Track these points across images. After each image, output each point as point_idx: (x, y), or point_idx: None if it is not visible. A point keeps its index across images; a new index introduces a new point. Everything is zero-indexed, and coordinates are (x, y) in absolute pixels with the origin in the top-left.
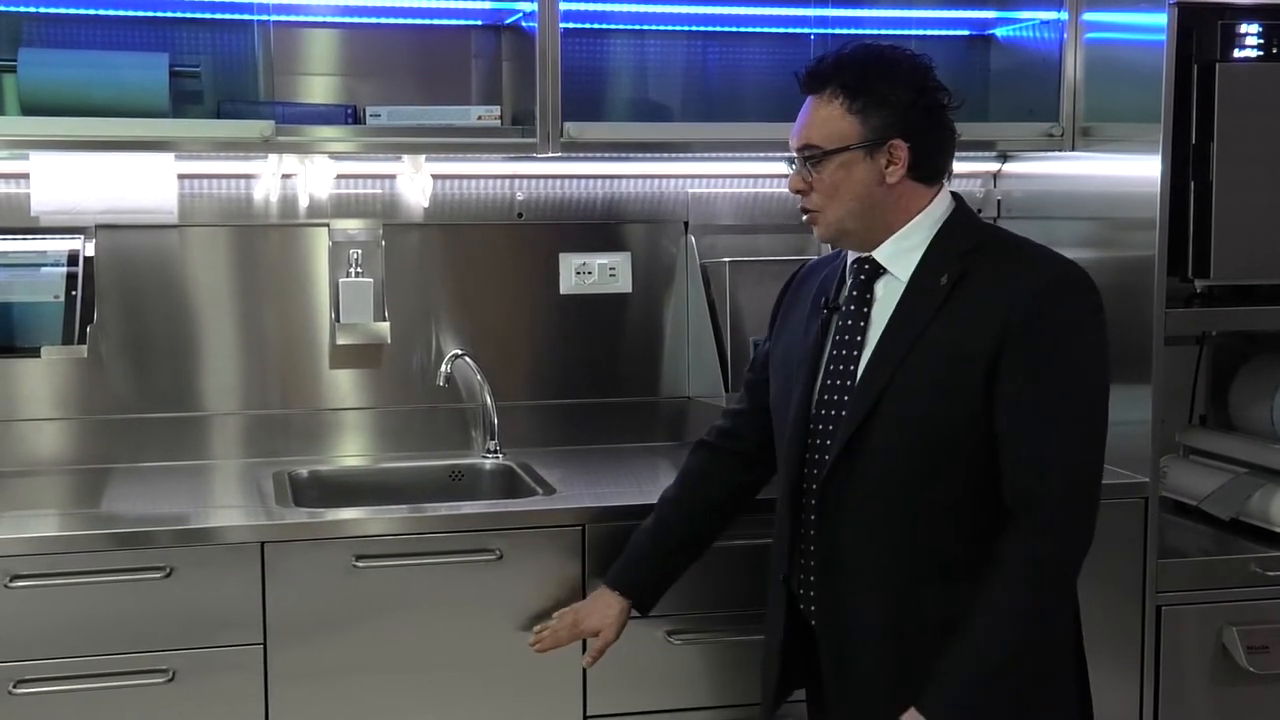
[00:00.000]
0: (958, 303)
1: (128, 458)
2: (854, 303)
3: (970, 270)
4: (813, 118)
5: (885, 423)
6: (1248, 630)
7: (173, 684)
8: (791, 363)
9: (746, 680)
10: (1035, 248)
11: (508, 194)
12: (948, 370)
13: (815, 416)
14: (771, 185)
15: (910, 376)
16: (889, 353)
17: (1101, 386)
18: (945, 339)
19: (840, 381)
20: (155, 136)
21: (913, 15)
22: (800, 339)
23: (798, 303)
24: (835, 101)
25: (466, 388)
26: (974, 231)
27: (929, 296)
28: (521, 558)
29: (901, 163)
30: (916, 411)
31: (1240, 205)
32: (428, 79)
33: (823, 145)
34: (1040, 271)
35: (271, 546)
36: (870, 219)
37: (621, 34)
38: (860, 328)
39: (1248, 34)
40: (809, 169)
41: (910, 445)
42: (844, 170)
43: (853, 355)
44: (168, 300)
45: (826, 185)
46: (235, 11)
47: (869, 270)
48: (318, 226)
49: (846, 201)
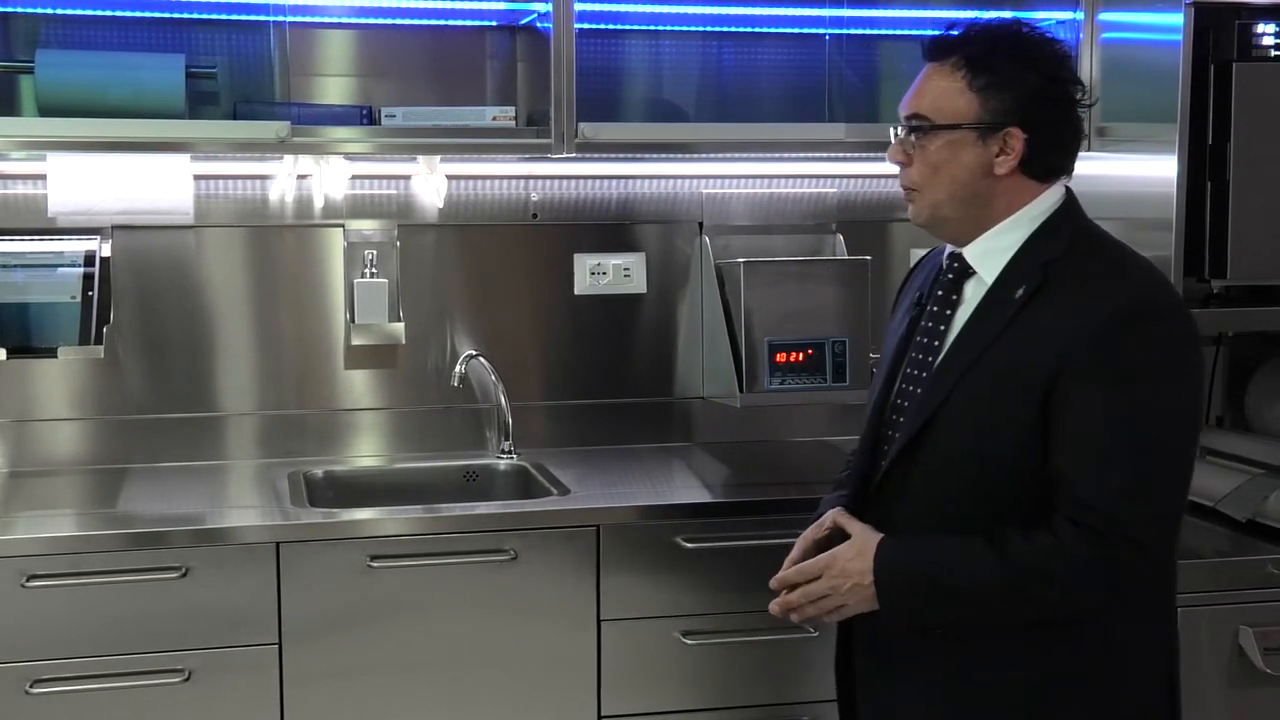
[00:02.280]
0: (1028, 319)
1: (144, 458)
2: (938, 303)
3: (1049, 283)
4: (927, 86)
5: (938, 438)
6: (1264, 632)
7: (188, 684)
8: (884, 359)
9: (760, 681)
10: (1124, 262)
11: (522, 194)
12: (1008, 388)
13: (888, 420)
14: (786, 185)
15: (966, 394)
16: (952, 366)
17: (1185, 423)
18: (1007, 358)
19: (912, 388)
20: (171, 137)
21: (928, 15)
22: (893, 333)
23: (901, 299)
24: (956, 74)
25: (481, 388)
26: (1067, 237)
27: (1002, 308)
28: (536, 558)
29: (1015, 154)
30: (967, 430)
31: (1257, 205)
32: (443, 80)
33: (932, 118)
34: (1119, 290)
35: (287, 547)
36: (968, 209)
37: (636, 34)
38: (940, 331)
39: (1264, 34)
40: (913, 141)
41: (960, 463)
42: (950, 150)
43: (928, 361)
44: (184, 301)
45: (928, 162)
46: (251, 13)
47: (958, 269)
48: (333, 227)
49: (946, 185)
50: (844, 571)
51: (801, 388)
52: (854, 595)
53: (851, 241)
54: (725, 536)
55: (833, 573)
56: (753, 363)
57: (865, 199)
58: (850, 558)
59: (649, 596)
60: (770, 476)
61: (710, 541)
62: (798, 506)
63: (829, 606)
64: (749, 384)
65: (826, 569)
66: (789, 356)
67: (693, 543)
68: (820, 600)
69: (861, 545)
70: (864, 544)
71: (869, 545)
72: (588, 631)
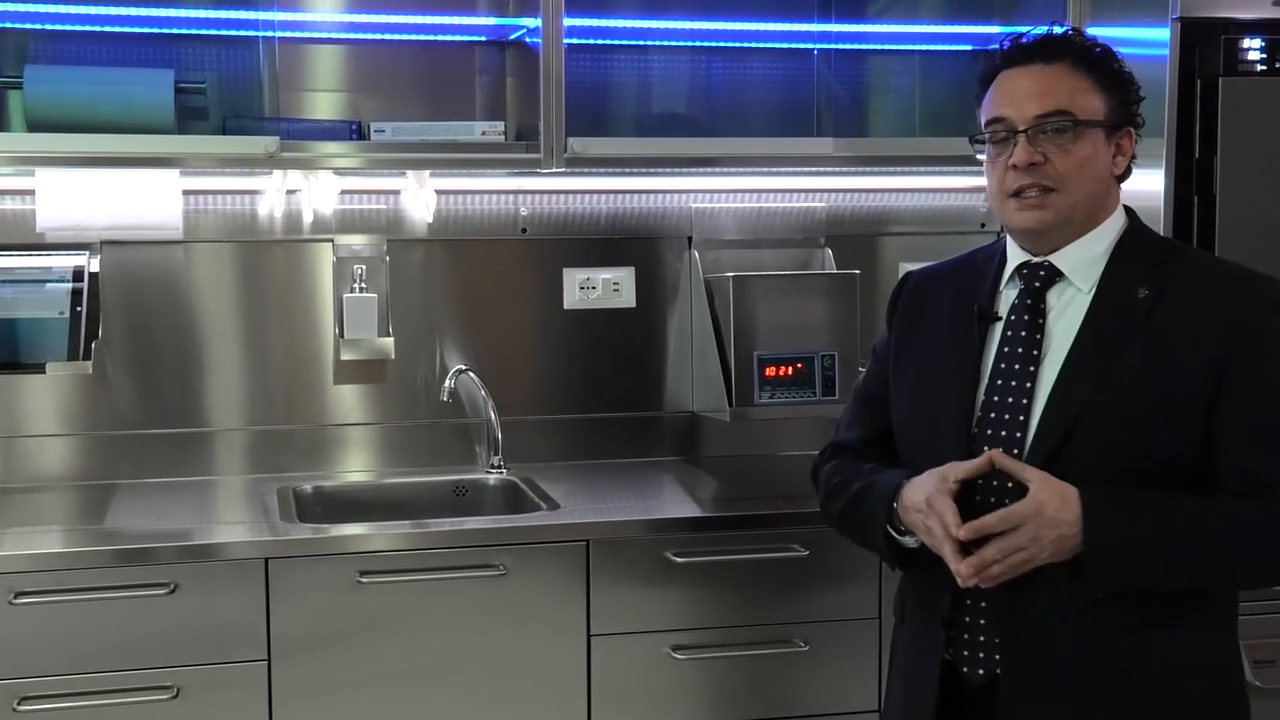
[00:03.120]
0: (1164, 318)
1: (132, 474)
2: (1026, 312)
3: (1170, 284)
4: (1057, 85)
5: (1082, 449)
6: (1254, 645)
7: (177, 700)
8: (936, 379)
9: (751, 695)
10: (1230, 264)
11: (512, 209)
12: (1157, 391)
13: (978, 436)
14: (775, 200)
15: (1113, 398)
16: (1083, 371)
17: None
18: (1152, 357)
19: (1014, 399)
20: (160, 153)
21: (916, 30)
22: (946, 352)
23: (924, 318)
24: (1080, 73)
25: (470, 403)
26: (1159, 245)
27: (1127, 310)
28: (526, 573)
29: (1128, 155)
30: (1121, 436)
31: (1244, 218)
32: (432, 95)
33: (1077, 114)
34: (1257, 287)
35: (276, 563)
36: (1090, 212)
37: (625, 50)
38: (1035, 340)
39: (1250, 48)
40: (1055, 140)
41: (1113, 472)
42: (1092, 148)
43: (1028, 371)
44: (173, 316)
45: (1076, 161)
46: (240, 28)
47: (1043, 278)
48: (322, 242)
49: (1090, 185)
50: (1052, 521)
51: (791, 402)
52: (1055, 547)
53: (840, 255)
54: (715, 551)
55: (1041, 521)
56: (742, 377)
57: (854, 213)
58: (1057, 505)
59: (639, 611)
60: (760, 490)
61: (700, 556)
62: (788, 521)
63: (1021, 560)
64: (738, 398)
65: (1033, 517)
66: (778, 370)
67: (683, 557)
68: (1013, 555)
69: (1061, 491)
70: (1063, 491)
71: (1069, 493)
72: (578, 646)
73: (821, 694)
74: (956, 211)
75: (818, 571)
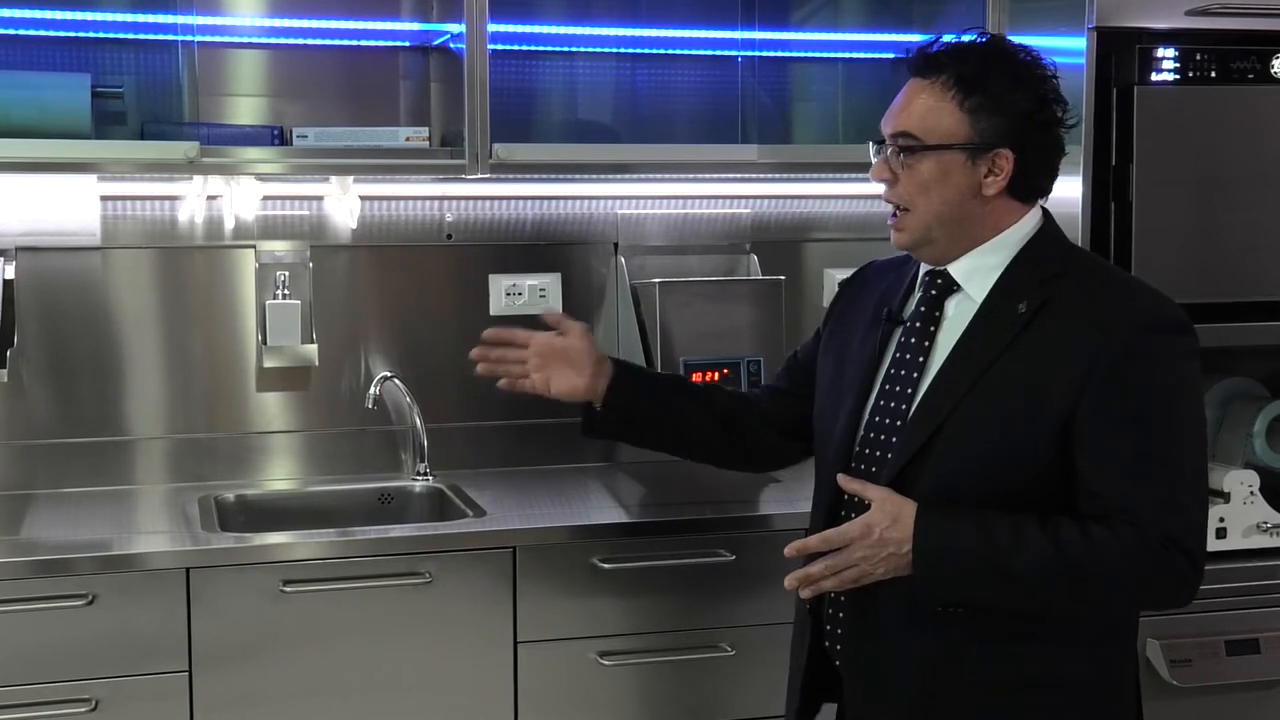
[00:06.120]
0: (1037, 333)
1: (49, 483)
2: (920, 319)
3: (1053, 298)
4: (915, 104)
5: (943, 455)
6: (1170, 644)
7: (96, 713)
8: (844, 375)
9: (678, 701)
10: (1126, 279)
11: (437, 215)
12: (1019, 405)
13: (864, 439)
14: (700, 206)
15: (974, 408)
16: (953, 380)
17: (1201, 435)
18: (1020, 371)
19: (895, 404)
20: (77, 158)
21: (839, 39)
22: (855, 351)
23: (855, 309)
24: (946, 93)
25: (396, 410)
26: (1060, 255)
27: (1004, 323)
28: (452, 581)
29: (1004, 175)
30: (978, 446)
31: (1160, 226)
32: (355, 100)
33: (923, 138)
34: (1135, 306)
35: (197, 572)
36: (956, 230)
37: (550, 55)
38: (924, 348)
39: (1164, 58)
40: (900, 160)
41: (967, 481)
42: (939, 170)
43: (911, 377)
44: (91, 323)
45: (916, 182)
46: (159, 32)
47: (941, 286)
48: (244, 248)
49: (936, 205)
50: (881, 540)
51: None
52: (886, 565)
53: (765, 261)
54: (642, 557)
55: (869, 541)
56: None
57: (779, 219)
58: (887, 525)
59: (566, 618)
60: (687, 496)
61: (627, 562)
62: (714, 526)
63: (853, 577)
64: None
65: (861, 538)
66: (705, 376)
67: (610, 563)
68: (844, 571)
69: (896, 512)
70: (899, 510)
71: (905, 512)
72: (504, 654)
73: (748, 698)
74: (880, 217)
75: (744, 576)
